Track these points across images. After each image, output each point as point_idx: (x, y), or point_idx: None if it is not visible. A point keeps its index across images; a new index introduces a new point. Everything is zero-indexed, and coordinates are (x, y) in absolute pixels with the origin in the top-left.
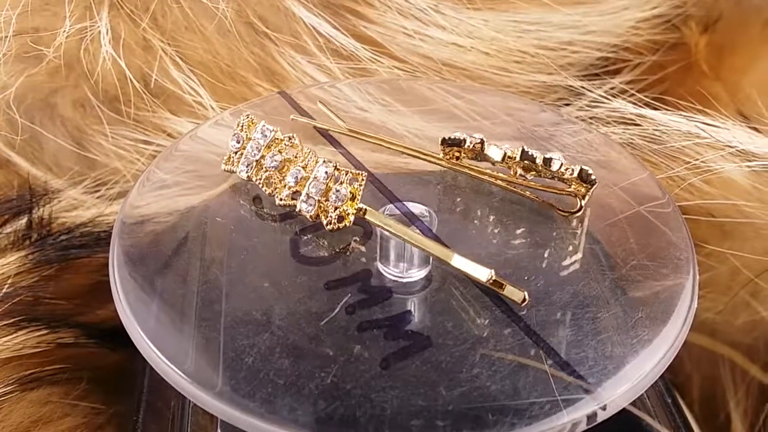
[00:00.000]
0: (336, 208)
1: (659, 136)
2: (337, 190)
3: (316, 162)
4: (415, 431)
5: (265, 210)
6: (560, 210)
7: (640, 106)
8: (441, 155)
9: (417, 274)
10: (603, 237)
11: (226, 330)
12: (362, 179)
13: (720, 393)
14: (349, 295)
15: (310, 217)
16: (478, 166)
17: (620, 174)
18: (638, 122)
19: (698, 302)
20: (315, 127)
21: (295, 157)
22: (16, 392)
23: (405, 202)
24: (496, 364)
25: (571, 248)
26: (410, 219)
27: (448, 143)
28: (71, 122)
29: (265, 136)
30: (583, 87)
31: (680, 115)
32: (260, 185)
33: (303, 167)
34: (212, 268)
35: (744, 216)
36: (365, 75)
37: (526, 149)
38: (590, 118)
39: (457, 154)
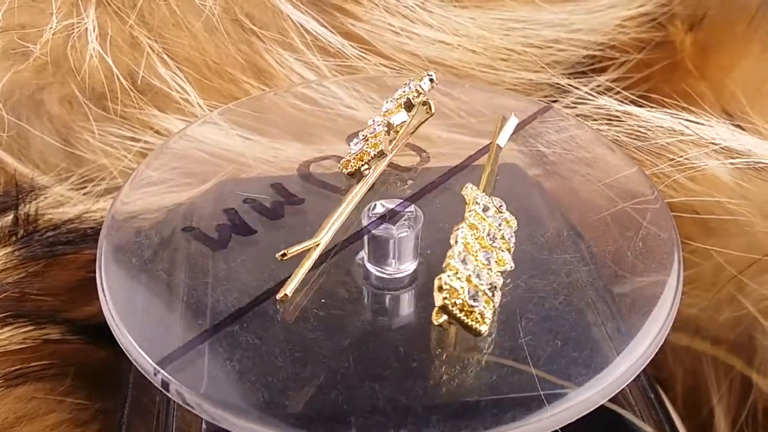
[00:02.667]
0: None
1: (644, 134)
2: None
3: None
4: (396, 427)
5: (253, 206)
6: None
7: (626, 104)
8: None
9: (407, 268)
10: (588, 232)
11: (213, 329)
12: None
13: (703, 388)
14: (337, 293)
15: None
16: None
17: (608, 171)
18: (623, 119)
19: (682, 298)
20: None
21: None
22: (2, 388)
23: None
24: (479, 359)
25: (555, 243)
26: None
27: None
28: (58, 119)
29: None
30: (569, 84)
31: (665, 112)
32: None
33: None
34: (198, 265)
35: (728, 213)
36: (352, 72)
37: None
38: (576, 115)
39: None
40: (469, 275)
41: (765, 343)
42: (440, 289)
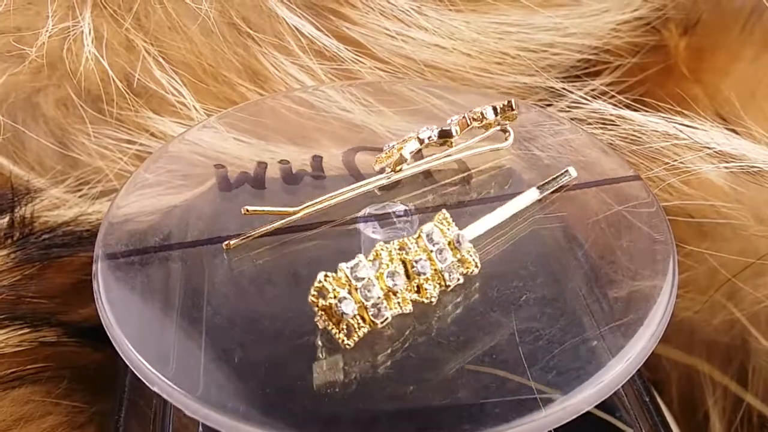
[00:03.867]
0: (468, 252)
1: (639, 137)
2: (456, 242)
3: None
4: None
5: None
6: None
7: (620, 108)
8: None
9: None
10: (583, 235)
11: (208, 333)
12: (446, 217)
13: (698, 392)
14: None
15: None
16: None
17: (604, 173)
18: (618, 123)
19: (677, 302)
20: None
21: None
22: None
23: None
24: (470, 362)
25: (550, 245)
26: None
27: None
28: (54, 121)
29: (363, 268)
30: (564, 88)
31: (659, 116)
32: (401, 310)
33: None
34: (194, 269)
35: (722, 217)
36: (348, 76)
37: (443, 128)
38: (571, 119)
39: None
40: (357, 286)
41: (759, 347)
42: (317, 283)
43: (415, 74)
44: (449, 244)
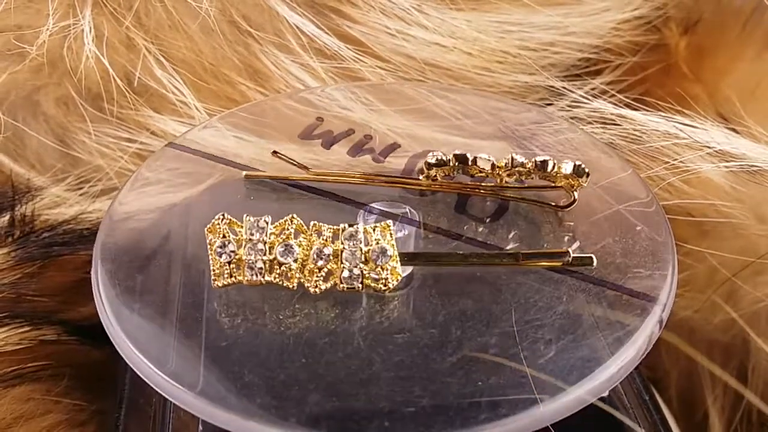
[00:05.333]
0: (384, 269)
1: (639, 137)
2: (376, 254)
3: (337, 230)
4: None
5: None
6: (557, 206)
7: (621, 107)
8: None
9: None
10: (583, 234)
11: (208, 329)
12: (389, 228)
13: (698, 390)
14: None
15: (364, 290)
16: (455, 183)
17: (604, 173)
18: (618, 122)
19: (677, 301)
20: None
21: (309, 236)
22: None
23: (386, 202)
24: (473, 361)
25: (550, 245)
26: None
27: (433, 165)
28: (54, 120)
29: (262, 230)
30: (564, 87)
31: (660, 115)
32: (279, 281)
33: (324, 243)
34: (194, 266)
35: (722, 216)
36: (348, 74)
37: (514, 157)
38: (571, 118)
39: (433, 173)
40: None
41: (759, 345)
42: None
43: (416, 73)
44: (367, 252)
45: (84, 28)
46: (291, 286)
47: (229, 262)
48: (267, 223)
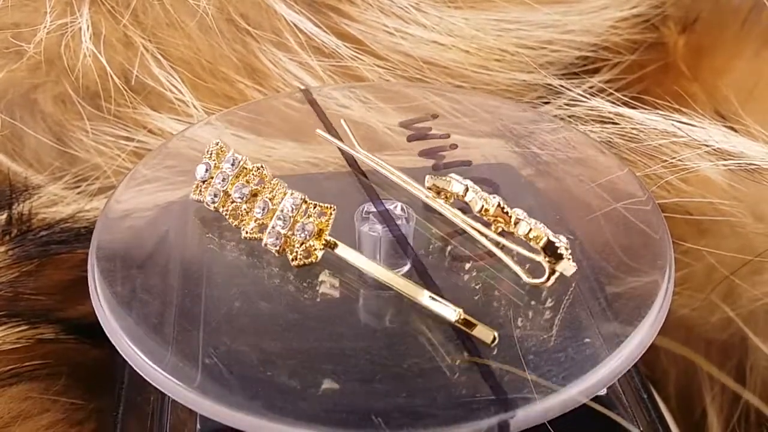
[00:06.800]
0: (302, 243)
1: (637, 135)
2: (304, 225)
3: (284, 194)
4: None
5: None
6: (527, 275)
7: (619, 105)
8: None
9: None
10: (580, 233)
11: (206, 325)
12: (331, 213)
13: (696, 389)
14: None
15: (276, 252)
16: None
17: (599, 171)
18: (616, 121)
19: (675, 299)
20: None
21: (263, 188)
22: None
23: (383, 200)
24: (469, 357)
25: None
26: (386, 218)
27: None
28: (52, 118)
29: (234, 165)
30: (562, 86)
31: (658, 114)
32: (227, 216)
33: (270, 199)
34: (192, 264)
35: (720, 214)
36: (346, 72)
37: (501, 204)
38: (569, 116)
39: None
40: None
41: (757, 344)
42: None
43: (414, 71)
44: (296, 216)
45: (81, 26)
46: (235, 224)
47: (204, 181)
48: (238, 161)
